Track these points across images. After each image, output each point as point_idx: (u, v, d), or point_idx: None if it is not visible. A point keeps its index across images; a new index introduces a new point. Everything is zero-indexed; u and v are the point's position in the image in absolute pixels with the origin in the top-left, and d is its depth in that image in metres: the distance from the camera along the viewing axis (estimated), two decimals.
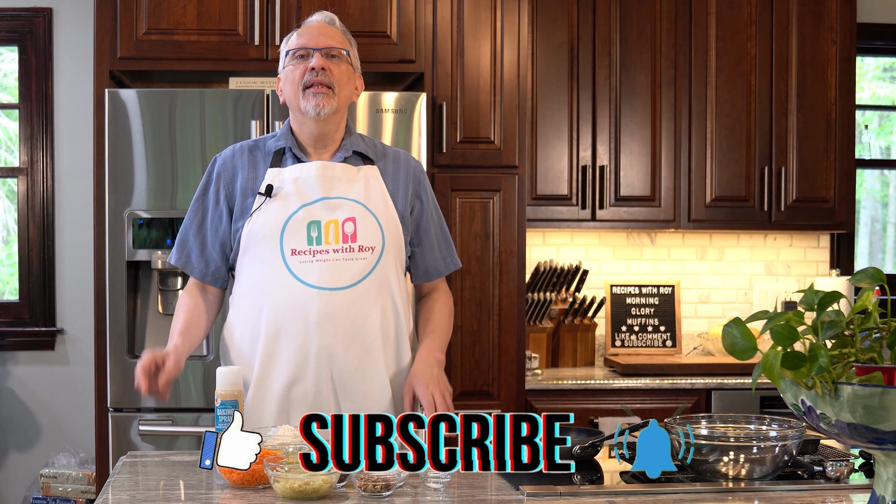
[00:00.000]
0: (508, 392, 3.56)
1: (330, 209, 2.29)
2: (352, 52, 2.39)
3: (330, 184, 2.31)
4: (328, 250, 2.27)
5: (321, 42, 2.32)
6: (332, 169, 2.33)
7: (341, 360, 2.27)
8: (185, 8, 3.44)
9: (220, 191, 2.36)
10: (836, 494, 1.90)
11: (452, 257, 2.51)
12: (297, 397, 2.27)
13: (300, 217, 2.28)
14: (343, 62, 2.34)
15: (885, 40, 4.56)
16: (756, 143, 4.03)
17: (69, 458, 4.07)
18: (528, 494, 1.85)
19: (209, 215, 2.37)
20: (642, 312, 4.22)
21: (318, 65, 2.29)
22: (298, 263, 2.26)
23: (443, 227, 2.51)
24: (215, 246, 2.37)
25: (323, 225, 2.28)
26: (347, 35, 2.41)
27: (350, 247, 2.28)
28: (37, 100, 4.23)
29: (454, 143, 3.55)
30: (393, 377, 2.34)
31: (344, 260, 2.27)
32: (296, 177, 2.31)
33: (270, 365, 2.28)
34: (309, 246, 2.27)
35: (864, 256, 4.74)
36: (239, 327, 2.33)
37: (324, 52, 2.31)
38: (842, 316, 1.43)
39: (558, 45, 3.94)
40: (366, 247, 2.29)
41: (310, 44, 2.32)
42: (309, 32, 2.35)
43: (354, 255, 2.28)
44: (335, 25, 2.39)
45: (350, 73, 2.37)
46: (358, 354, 2.29)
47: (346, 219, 2.29)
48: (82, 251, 4.17)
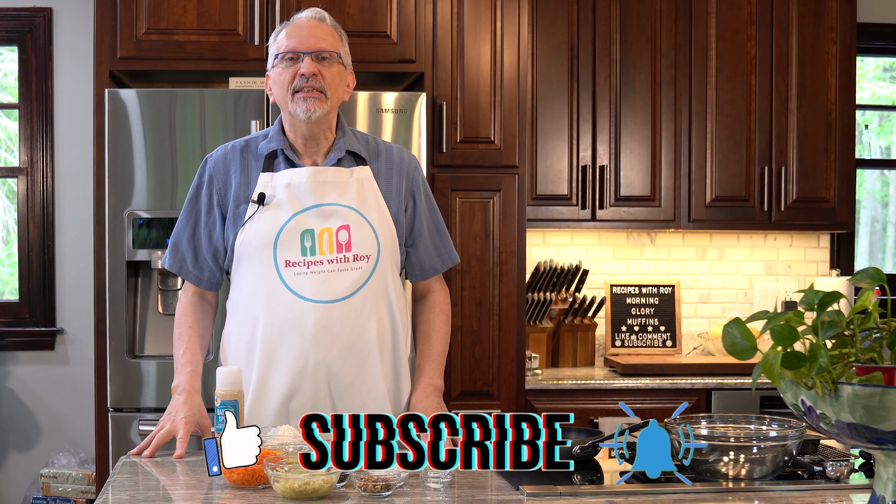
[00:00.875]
0: (508, 392, 3.56)
1: (323, 217, 2.26)
2: (343, 51, 2.32)
3: (322, 189, 2.27)
4: (322, 261, 2.24)
5: (311, 45, 2.25)
6: (325, 174, 2.28)
7: (338, 372, 2.25)
8: (185, 8, 3.44)
9: (213, 195, 2.32)
10: (836, 494, 1.90)
11: (449, 252, 2.45)
12: (295, 410, 2.25)
13: (293, 226, 2.24)
14: (334, 63, 2.28)
15: (885, 40, 4.56)
16: (756, 143, 4.03)
17: (69, 458, 4.07)
18: (528, 494, 1.85)
19: (202, 220, 2.34)
20: (642, 312, 4.22)
21: (309, 71, 2.23)
22: (293, 276, 2.23)
23: (438, 224, 2.45)
24: (209, 251, 2.34)
25: (317, 234, 2.24)
26: (338, 30, 2.33)
27: (345, 256, 2.25)
28: (37, 100, 4.23)
29: (454, 143, 3.55)
30: (391, 386, 2.33)
31: (339, 271, 2.24)
32: (287, 182, 2.27)
33: (267, 378, 2.26)
34: (303, 257, 2.23)
35: (864, 256, 4.74)
36: (235, 337, 2.32)
37: (314, 56, 2.25)
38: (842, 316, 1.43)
39: (558, 45, 3.94)
40: (361, 255, 2.26)
41: (300, 47, 2.25)
42: (299, 33, 2.27)
43: (349, 266, 2.25)
44: (326, 22, 2.31)
45: (341, 73, 2.31)
46: (355, 366, 2.27)
47: (340, 227, 2.26)
48: (82, 251, 4.17)
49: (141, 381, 3.32)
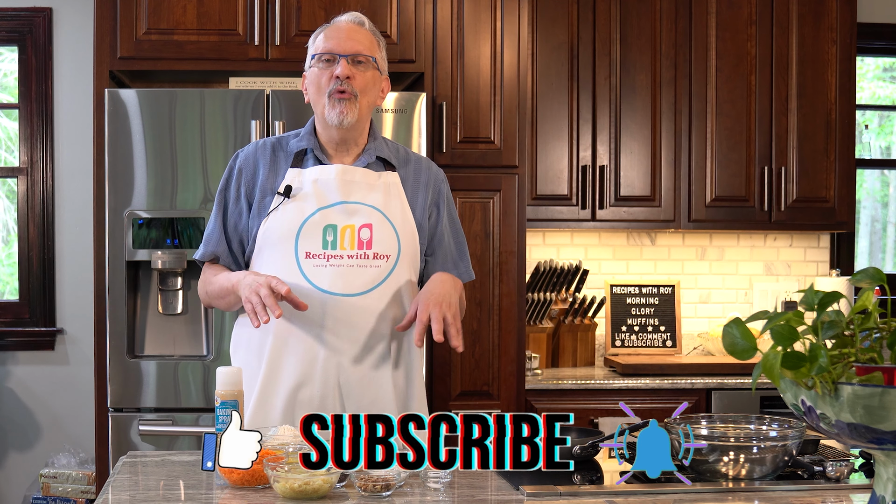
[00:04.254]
0: (508, 392, 3.56)
1: (347, 214, 2.28)
2: (379, 56, 2.35)
3: (349, 188, 2.30)
4: (343, 255, 2.26)
5: (348, 48, 2.29)
6: (353, 173, 2.32)
7: (349, 366, 2.26)
8: (185, 8, 3.44)
9: (241, 187, 2.35)
10: (836, 494, 1.90)
11: (467, 269, 2.45)
12: (303, 400, 2.26)
13: (316, 220, 2.27)
14: (369, 68, 2.31)
15: (885, 40, 4.56)
16: (756, 143, 4.03)
17: (69, 458, 4.07)
18: (528, 494, 1.85)
19: (229, 211, 2.37)
20: (642, 312, 4.22)
21: (344, 73, 2.27)
22: (312, 267, 2.25)
23: (458, 239, 2.46)
24: (234, 242, 2.37)
25: (339, 229, 2.27)
26: (377, 36, 2.37)
27: (365, 253, 2.27)
28: (37, 100, 4.23)
29: (454, 142, 3.55)
30: (400, 389, 2.32)
31: (358, 266, 2.26)
32: (315, 178, 2.30)
33: (278, 366, 2.27)
34: (324, 250, 2.26)
35: (864, 256, 4.74)
36: (249, 325, 2.32)
37: (350, 59, 2.28)
38: (842, 316, 1.43)
39: (558, 45, 3.94)
40: (381, 254, 2.28)
41: (336, 49, 2.29)
42: (337, 35, 2.31)
43: (369, 263, 2.27)
44: (364, 27, 2.35)
45: (376, 78, 2.34)
46: (366, 362, 2.27)
47: (363, 225, 2.28)
48: (82, 251, 4.17)
49: (141, 381, 3.32)
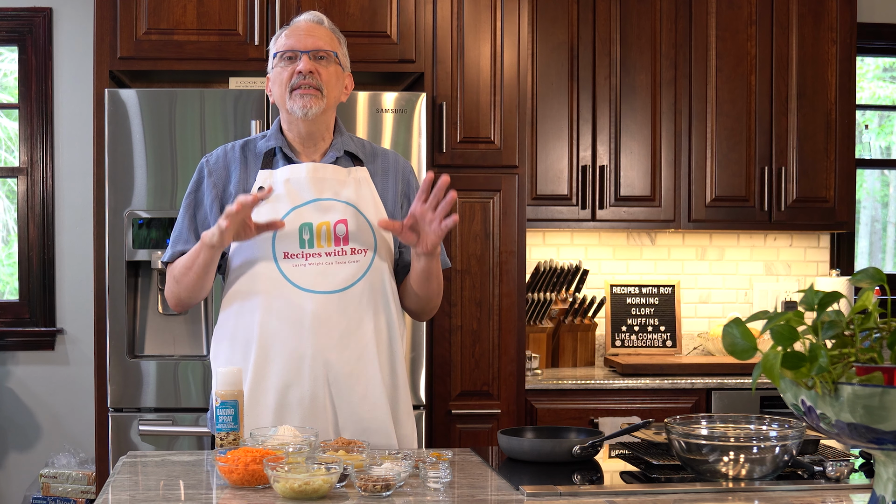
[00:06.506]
0: (508, 392, 3.56)
1: (321, 211, 2.29)
2: (340, 52, 2.37)
3: (321, 185, 2.31)
4: (320, 253, 2.27)
5: (308, 44, 2.31)
6: (324, 170, 2.33)
7: (336, 363, 2.27)
8: (185, 8, 3.44)
9: (213, 188, 2.35)
10: (836, 494, 1.90)
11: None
12: (292, 401, 2.26)
13: (291, 219, 2.28)
14: (331, 63, 2.33)
15: (885, 40, 4.56)
16: (756, 143, 4.03)
17: (69, 458, 4.07)
18: (528, 494, 1.85)
19: (203, 208, 2.36)
20: (642, 312, 4.22)
21: (306, 68, 2.29)
22: (291, 267, 2.26)
23: None
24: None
25: (315, 227, 2.28)
26: (336, 33, 2.40)
27: (342, 249, 2.28)
28: (37, 100, 4.23)
29: (454, 143, 3.55)
30: (387, 379, 2.33)
31: (336, 263, 2.28)
32: (287, 178, 2.31)
33: (265, 369, 2.27)
34: (301, 249, 2.27)
35: (864, 256, 4.74)
36: (231, 330, 2.32)
37: (311, 55, 2.31)
38: (842, 316, 1.43)
39: (558, 45, 3.94)
40: (358, 249, 2.29)
41: (297, 45, 2.31)
42: (296, 33, 2.34)
43: (347, 258, 2.28)
44: (323, 25, 2.38)
45: (339, 73, 2.36)
46: (353, 357, 2.28)
47: (338, 221, 2.29)
48: (82, 251, 4.17)
49: (141, 381, 3.32)
